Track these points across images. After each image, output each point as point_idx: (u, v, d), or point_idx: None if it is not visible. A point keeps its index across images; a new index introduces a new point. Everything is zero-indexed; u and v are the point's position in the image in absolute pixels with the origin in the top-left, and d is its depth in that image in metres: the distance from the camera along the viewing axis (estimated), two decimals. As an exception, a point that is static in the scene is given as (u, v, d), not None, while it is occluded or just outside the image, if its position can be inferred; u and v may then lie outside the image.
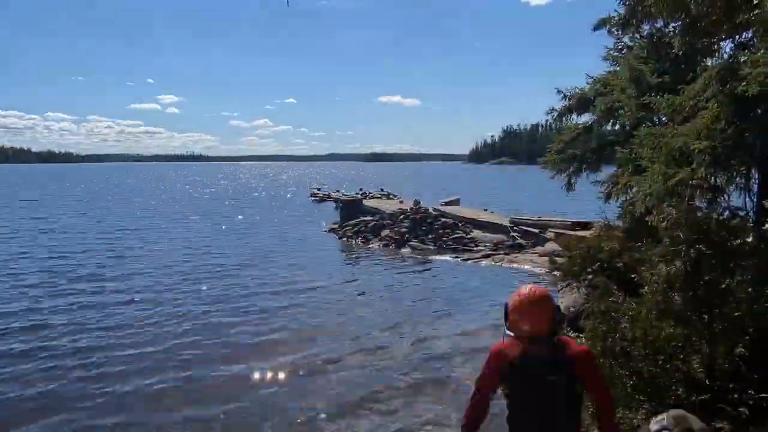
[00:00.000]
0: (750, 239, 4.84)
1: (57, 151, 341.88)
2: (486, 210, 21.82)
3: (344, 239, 18.36)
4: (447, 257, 15.06)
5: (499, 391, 2.36)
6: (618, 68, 7.36)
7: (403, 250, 16.27)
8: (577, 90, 8.18)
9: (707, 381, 4.22)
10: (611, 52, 7.70)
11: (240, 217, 26.96)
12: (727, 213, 4.76)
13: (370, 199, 26.97)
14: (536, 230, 15.75)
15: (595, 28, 7.35)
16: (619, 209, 7.35)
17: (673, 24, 6.04)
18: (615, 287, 5.00)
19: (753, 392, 4.13)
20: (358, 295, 10.95)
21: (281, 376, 6.76)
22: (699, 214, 4.31)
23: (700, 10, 3.89)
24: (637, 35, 7.00)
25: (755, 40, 4.81)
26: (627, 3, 6.46)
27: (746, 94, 3.81)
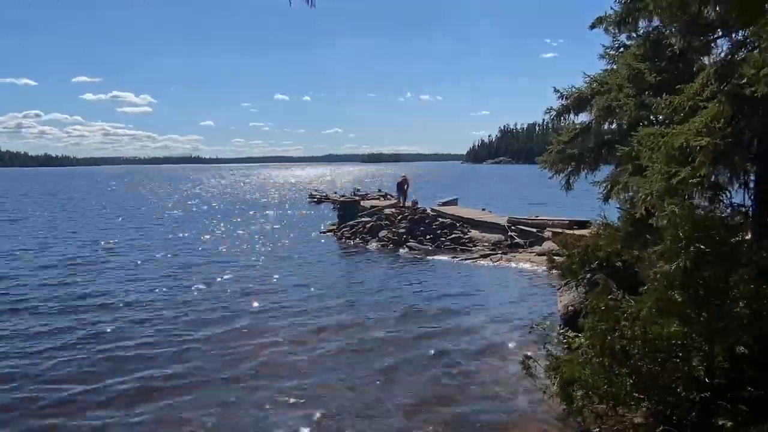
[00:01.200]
0: (749, 236, 4.85)
1: (54, 155, 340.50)
2: (484, 210, 21.83)
3: (342, 240, 18.33)
4: (445, 257, 15.05)
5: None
6: (615, 67, 7.35)
7: (401, 250, 16.25)
8: (575, 89, 8.17)
9: (707, 379, 4.22)
10: (608, 50, 7.70)
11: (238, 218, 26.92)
12: (728, 210, 4.76)
13: (368, 199, 26.96)
14: (534, 230, 15.76)
15: (592, 27, 7.34)
16: (618, 209, 7.35)
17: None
18: (614, 285, 5.01)
19: (753, 390, 4.13)
20: (357, 295, 10.93)
21: (277, 378, 6.73)
22: (699, 211, 4.31)
23: (698, 9, 3.89)
24: (634, 34, 6.99)
25: (753, 39, 4.83)
26: (623, 1, 6.47)
27: (755, 94, 3.79)
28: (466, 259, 14.69)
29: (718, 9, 3.82)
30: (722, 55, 5.20)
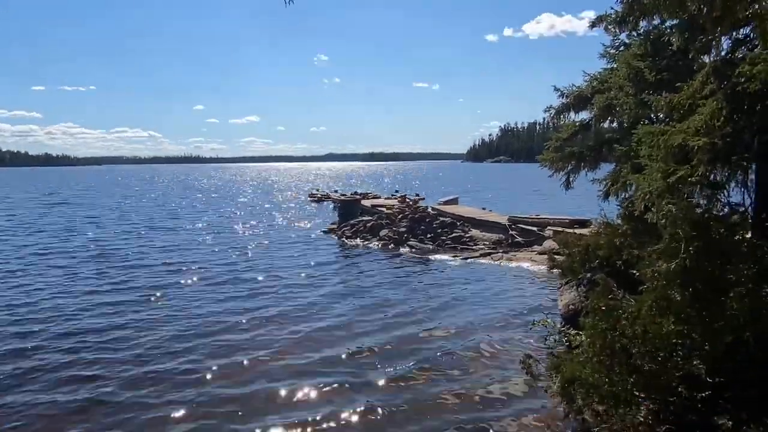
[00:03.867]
0: (749, 235, 4.84)
1: (54, 155, 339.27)
2: (484, 209, 21.84)
3: (343, 239, 18.34)
4: (446, 256, 15.06)
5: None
6: (615, 66, 7.35)
7: (401, 249, 16.26)
8: (575, 87, 8.17)
9: (708, 378, 4.21)
10: (608, 49, 7.70)
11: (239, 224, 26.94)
12: (726, 209, 4.76)
13: (369, 198, 26.97)
14: (535, 228, 15.75)
15: (592, 26, 7.34)
16: (618, 207, 7.36)
17: (671, 21, 6.05)
18: (614, 284, 5.00)
19: (753, 389, 4.13)
20: (358, 295, 10.93)
21: (278, 379, 6.74)
22: (698, 210, 4.31)
23: (698, 7, 3.88)
24: (635, 33, 6.99)
25: (752, 36, 4.82)
26: (624, 0, 6.46)
27: (748, 90, 3.80)
28: (467, 258, 14.69)
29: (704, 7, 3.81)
30: (722, 53, 5.20)
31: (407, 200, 21.37)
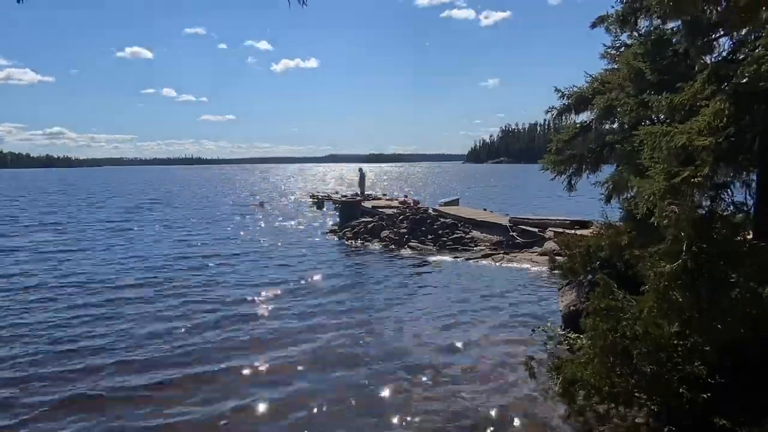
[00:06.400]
0: (750, 236, 4.84)
1: (55, 156, 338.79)
2: (485, 210, 21.82)
3: (344, 241, 18.34)
4: (447, 257, 15.05)
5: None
6: (616, 66, 7.34)
7: (402, 250, 16.24)
8: (576, 88, 8.15)
9: (708, 379, 4.21)
10: (609, 50, 7.69)
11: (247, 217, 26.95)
12: (731, 208, 4.75)
13: (370, 200, 26.93)
14: (535, 229, 15.73)
15: (593, 26, 7.33)
16: (619, 209, 7.34)
17: (673, 23, 6.04)
18: (615, 285, 5.00)
19: (753, 390, 4.13)
20: (359, 296, 10.93)
21: (279, 380, 6.74)
22: (702, 211, 4.30)
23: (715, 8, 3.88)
24: (636, 33, 6.99)
25: (753, 37, 4.82)
26: (625, 1, 6.46)
27: (750, 90, 3.79)
28: (467, 259, 14.68)
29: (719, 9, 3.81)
30: (723, 54, 5.20)
31: (407, 201, 21.35)
